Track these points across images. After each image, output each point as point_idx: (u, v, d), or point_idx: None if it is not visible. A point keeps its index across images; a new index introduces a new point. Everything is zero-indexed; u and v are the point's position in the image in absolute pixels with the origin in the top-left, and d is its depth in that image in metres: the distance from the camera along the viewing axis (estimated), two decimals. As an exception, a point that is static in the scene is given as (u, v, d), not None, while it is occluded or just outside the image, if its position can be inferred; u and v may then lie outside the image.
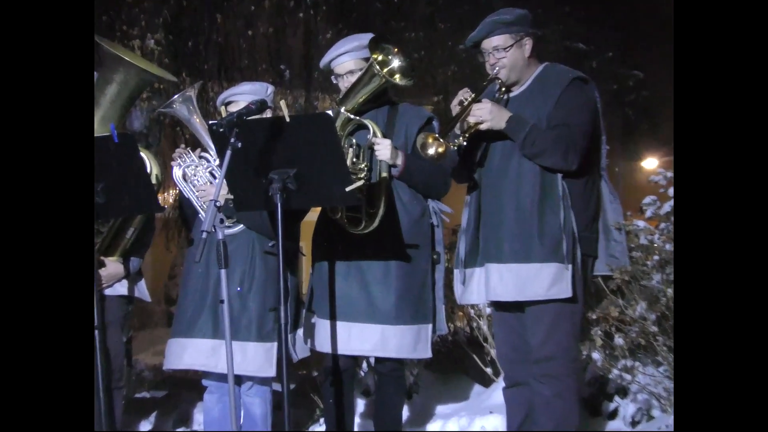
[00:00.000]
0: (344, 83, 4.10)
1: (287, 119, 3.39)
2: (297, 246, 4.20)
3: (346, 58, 4.08)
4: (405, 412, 4.97)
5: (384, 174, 3.96)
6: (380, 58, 3.93)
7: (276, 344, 4.06)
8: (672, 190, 4.50)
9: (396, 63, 3.96)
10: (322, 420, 5.16)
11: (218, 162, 4.02)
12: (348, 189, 3.45)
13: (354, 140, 3.99)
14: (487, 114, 3.70)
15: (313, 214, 4.19)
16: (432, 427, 5.04)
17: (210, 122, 3.63)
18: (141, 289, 4.44)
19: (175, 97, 4.25)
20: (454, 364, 6.00)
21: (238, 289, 4.08)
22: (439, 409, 5.36)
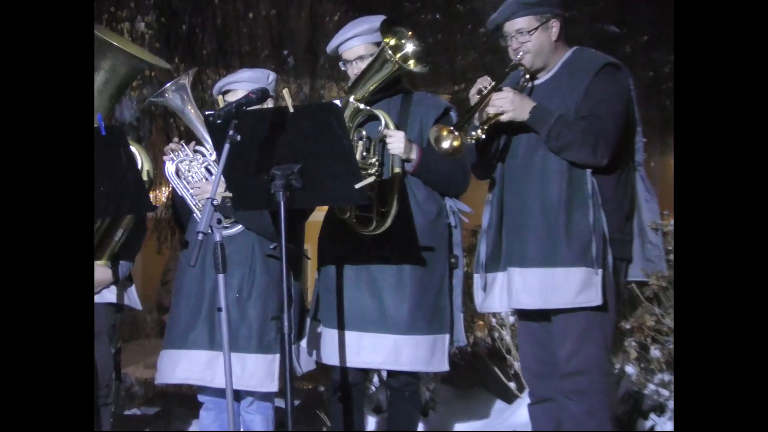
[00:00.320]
0: (353, 70, 4.11)
1: (291, 109, 3.41)
2: (301, 249, 4.21)
3: (356, 42, 4.08)
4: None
5: (397, 169, 3.97)
6: (393, 42, 3.94)
7: (278, 356, 4.07)
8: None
9: (410, 48, 3.97)
10: (328, 439, 5.19)
11: (215, 157, 4.03)
12: (357, 186, 3.46)
13: (364, 132, 4.00)
14: (508, 104, 3.70)
15: (319, 214, 4.20)
16: (449, 448, 5.07)
17: (206, 113, 3.65)
18: (131, 296, 4.46)
19: (168, 85, 4.26)
20: (473, 378, 6.02)
21: (237, 295, 4.09)
22: (458, 427, 5.38)
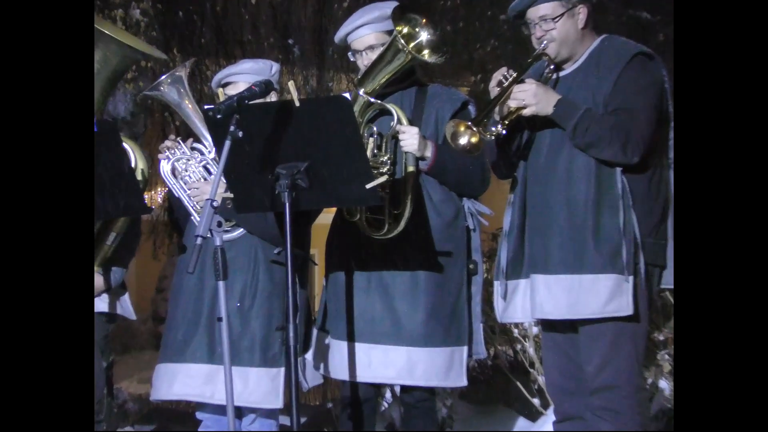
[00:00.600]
0: (363, 61, 4.11)
1: (297, 103, 3.41)
2: (308, 254, 4.22)
3: (366, 30, 4.09)
4: (436, 451, 4.98)
5: (411, 168, 3.98)
6: (406, 30, 3.95)
7: (283, 370, 4.08)
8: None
9: (424, 36, 3.98)
10: (337, 459, 5.19)
11: (214, 155, 4.04)
12: (368, 186, 3.46)
13: (375, 128, 4.01)
14: (531, 97, 3.69)
15: (327, 216, 4.21)
16: (468, 469, 5.07)
17: (205, 107, 3.65)
18: (124, 305, 4.47)
19: (164, 77, 4.27)
20: (494, 394, 6.02)
21: (238, 304, 4.10)
22: (477, 446, 5.38)
